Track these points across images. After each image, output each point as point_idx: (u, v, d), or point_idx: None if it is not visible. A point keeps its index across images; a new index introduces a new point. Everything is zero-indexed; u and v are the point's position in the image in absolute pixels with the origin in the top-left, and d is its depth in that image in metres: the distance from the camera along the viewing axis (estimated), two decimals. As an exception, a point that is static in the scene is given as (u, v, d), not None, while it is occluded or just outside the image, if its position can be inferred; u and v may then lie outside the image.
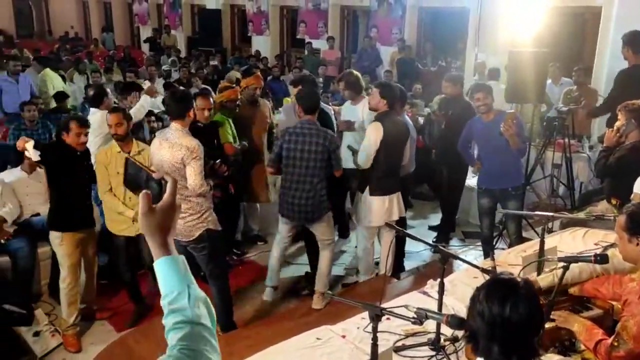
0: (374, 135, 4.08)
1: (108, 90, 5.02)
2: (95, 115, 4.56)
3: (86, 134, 3.78)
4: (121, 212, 3.93)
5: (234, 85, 5.33)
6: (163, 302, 1.22)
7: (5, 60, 8.76)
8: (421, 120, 7.05)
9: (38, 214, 4.59)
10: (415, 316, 1.92)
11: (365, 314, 2.52)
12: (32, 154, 3.64)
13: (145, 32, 17.80)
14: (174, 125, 3.55)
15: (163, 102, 7.13)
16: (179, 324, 1.18)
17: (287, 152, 4.00)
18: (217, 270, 3.79)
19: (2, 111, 7.50)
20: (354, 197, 4.53)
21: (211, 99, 4.53)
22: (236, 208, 5.24)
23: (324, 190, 4.08)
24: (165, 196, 1.25)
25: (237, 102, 5.00)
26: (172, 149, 3.45)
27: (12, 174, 4.66)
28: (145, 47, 16.95)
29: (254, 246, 5.53)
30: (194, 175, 3.45)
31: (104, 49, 15.76)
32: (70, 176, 3.77)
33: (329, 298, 3.83)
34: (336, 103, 7.31)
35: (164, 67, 11.13)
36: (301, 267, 5.00)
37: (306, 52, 12.04)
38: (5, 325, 3.70)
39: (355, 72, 5.10)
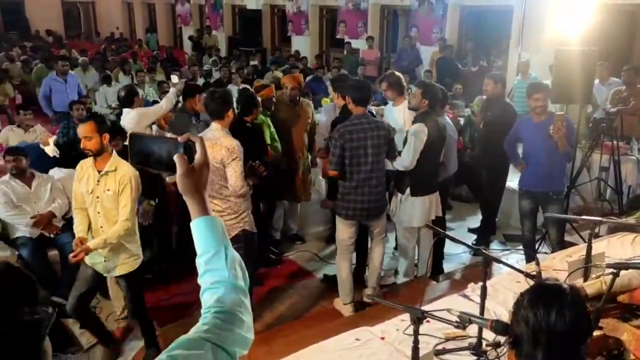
0: (419, 138, 4.02)
1: (139, 90, 5.09)
2: (129, 115, 4.66)
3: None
4: (81, 239, 3.43)
5: (270, 84, 5.38)
6: (199, 261, 1.23)
7: (55, 61, 9.10)
8: (462, 121, 6.94)
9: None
10: (458, 320, 1.89)
11: (405, 316, 2.50)
12: (50, 150, 3.71)
13: (187, 33, 18.13)
14: (214, 125, 3.59)
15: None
16: (215, 284, 1.20)
17: (350, 151, 3.84)
18: (248, 272, 3.77)
19: (52, 110, 7.74)
20: (391, 198, 4.49)
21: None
22: (271, 206, 5.27)
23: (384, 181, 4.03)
24: (198, 155, 1.25)
25: (273, 101, 5.05)
26: (212, 149, 3.46)
27: (62, 172, 4.82)
28: (187, 47, 17.27)
29: (292, 246, 5.55)
30: (234, 177, 3.47)
31: (147, 49, 16.13)
32: None
33: (370, 299, 3.79)
34: (375, 103, 7.28)
35: (205, 67, 11.31)
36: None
37: (345, 52, 12.03)
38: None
39: (397, 72, 5.06)
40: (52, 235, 4.42)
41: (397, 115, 4.75)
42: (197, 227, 1.23)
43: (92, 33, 21.66)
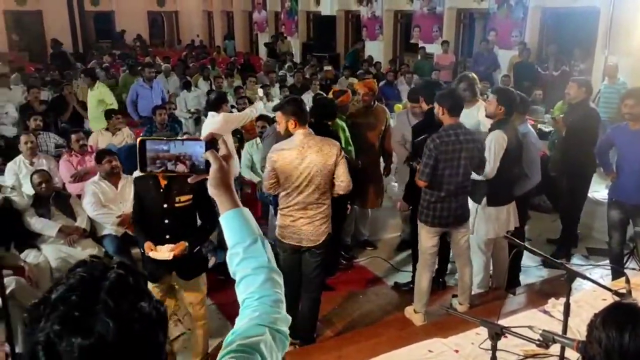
0: (499, 146, 3.89)
1: (228, 98, 5.26)
2: (215, 119, 4.82)
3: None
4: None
5: (347, 89, 5.42)
6: (235, 250, 1.24)
7: (141, 67, 9.60)
8: (542, 127, 6.68)
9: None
10: (540, 339, 1.82)
11: (480, 330, 2.44)
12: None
13: (263, 39, 18.57)
14: (303, 131, 3.48)
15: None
16: (256, 270, 1.23)
17: (444, 163, 3.71)
18: (318, 281, 3.77)
19: (138, 114, 8.16)
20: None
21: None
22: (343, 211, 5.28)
23: None
24: (223, 150, 1.26)
25: (348, 107, 5.08)
26: (323, 152, 3.46)
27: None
28: (262, 54, 17.69)
29: (363, 251, 5.54)
30: (345, 173, 3.51)
31: (225, 56, 16.65)
32: None
33: (445, 310, 3.69)
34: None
35: (280, 73, 11.53)
36: (408, 274, 4.92)
37: (419, 57, 11.89)
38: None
39: (471, 74, 4.96)
40: (134, 234, 4.66)
41: (473, 116, 4.65)
42: (232, 219, 1.25)
43: (174, 41, 22.66)
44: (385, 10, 13.73)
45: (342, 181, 3.53)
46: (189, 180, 1.29)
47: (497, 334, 1.89)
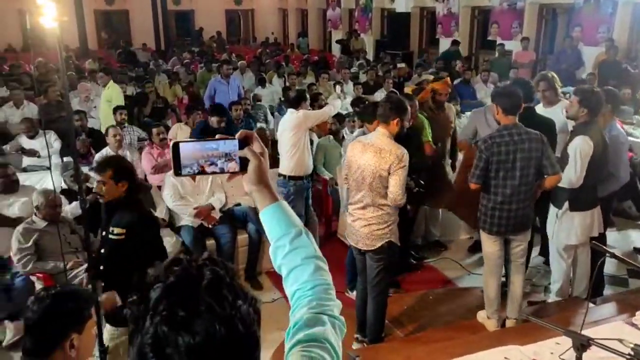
0: (584, 153, 3.68)
1: (307, 95, 5.30)
2: (293, 115, 4.88)
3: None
4: None
5: (423, 87, 5.34)
6: (281, 242, 1.24)
7: (218, 64, 9.89)
8: (630, 129, 6.29)
9: (239, 204, 5.10)
10: (632, 353, 1.71)
11: (561, 339, 2.33)
12: None
13: (337, 36, 18.62)
14: (380, 130, 3.49)
15: (352, 104, 7.46)
16: (305, 260, 1.23)
17: (497, 164, 3.56)
18: (382, 284, 3.71)
19: (214, 110, 8.40)
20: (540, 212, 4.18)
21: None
22: (415, 211, 5.20)
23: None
24: (257, 147, 1.26)
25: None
26: (380, 155, 3.39)
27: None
28: (335, 51, 17.75)
29: (434, 252, 5.45)
30: (397, 185, 3.37)
31: (299, 53, 16.85)
32: None
33: (523, 317, 3.56)
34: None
35: (352, 70, 11.52)
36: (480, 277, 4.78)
37: (497, 54, 11.51)
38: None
39: (550, 73, 4.78)
40: (210, 226, 4.82)
41: (556, 115, 4.44)
42: (274, 213, 1.26)
43: (249, 38, 23.18)
44: (462, 7, 13.38)
45: (391, 192, 3.40)
46: (227, 179, 1.29)
47: (582, 345, 1.79)
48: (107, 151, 5.53)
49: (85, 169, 4.82)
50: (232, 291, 0.89)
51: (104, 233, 3.14)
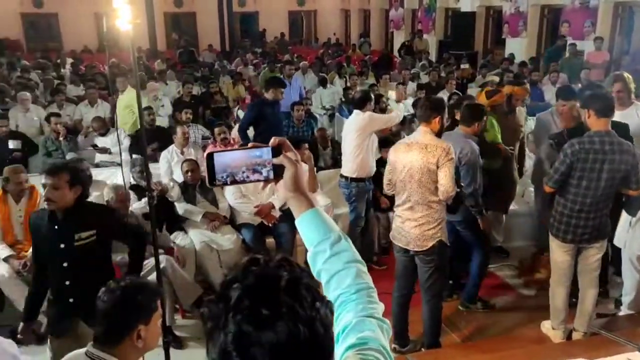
0: None
1: (372, 96, 5.27)
2: (359, 116, 4.88)
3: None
4: None
5: (499, 89, 5.20)
6: (321, 247, 1.23)
7: (281, 65, 10.03)
8: None
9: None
10: None
11: (634, 354, 2.22)
12: None
13: (399, 37, 18.47)
14: (422, 128, 3.53)
15: (413, 105, 7.38)
16: (347, 264, 1.23)
17: (581, 172, 3.37)
18: (435, 287, 3.65)
19: (276, 110, 8.53)
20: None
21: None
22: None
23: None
24: (291, 154, 1.25)
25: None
26: (426, 150, 3.40)
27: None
28: (397, 51, 17.61)
29: (495, 257, 5.29)
30: (447, 177, 3.36)
31: (360, 54, 16.83)
32: None
33: (593, 330, 3.40)
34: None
35: (414, 71, 11.39)
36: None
37: (567, 54, 11.05)
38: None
39: (625, 73, 4.55)
40: (270, 225, 4.89)
41: (632, 117, 4.22)
42: (312, 218, 1.26)
43: (311, 39, 23.37)
44: (531, 5, 12.94)
45: (442, 185, 3.38)
46: (261, 187, 1.30)
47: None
48: (172, 149, 5.72)
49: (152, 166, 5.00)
50: (310, 292, 0.90)
51: (62, 245, 2.80)
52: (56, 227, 2.81)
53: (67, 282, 2.84)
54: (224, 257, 4.55)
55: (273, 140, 1.24)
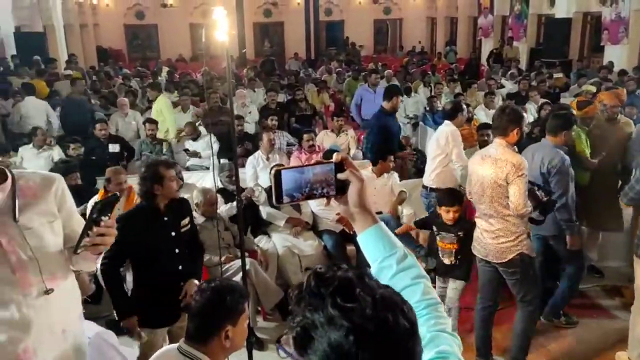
0: None
1: (464, 106, 5.17)
2: (447, 128, 4.80)
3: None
4: None
5: (591, 100, 4.94)
6: (386, 263, 1.23)
7: (366, 73, 10.06)
8: None
9: (381, 212, 5.12)
10: None
11: None
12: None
13: (487, 45, 17.97)
14: (497, 141, 3.39)
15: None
16: (415, 279, 1.23)
17: None
18: (527, 297, 3.52)
19: (361, 117, 8.56)
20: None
21: None
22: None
23: None
24: (354, 170, 1.25)
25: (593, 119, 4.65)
26: (496, 165, 3.29)
27: (363, 174, 5.31)
28: (484, 59, 17.13)
29: (588, 277, 4.98)
30: (517, 194, 3.23)
31: (446, 62, 16.55)
32: None
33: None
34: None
35: (501, 80, 11.03)
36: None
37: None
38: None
39: None
40: (352, 232, 4.90)
41: None
42: (376, 234, 1.26)
43: (396, 47, 23.28)
44: (633, 10, 12.14)
45: (512, 202, 3.25)
46: (324, 204, 1.30)
47: None
48: (258, 154, 5.90)
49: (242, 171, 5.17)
50: (397, 305, 0.93)
51: (173, 233, 3.11)
52: (165, 218, 3.11)
53: (180, 267, 3.14)
54: (305, 262, 4.63)
55: (336, 156, 1.24)
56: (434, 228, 3.96)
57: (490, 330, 3.71)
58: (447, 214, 3.80)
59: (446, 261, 3.85)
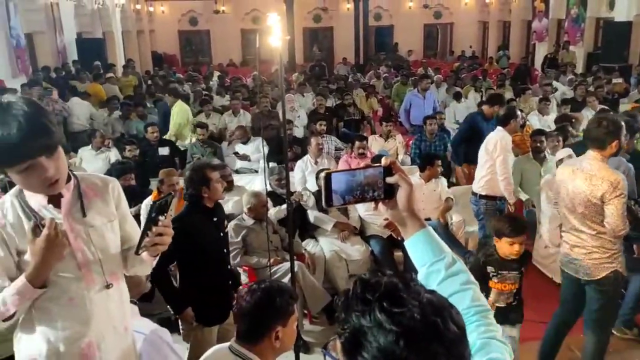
0: None
1: (518, 112, 5.06)
2: (498, 134, 4.72)
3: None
4: None
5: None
6: (434, 268, 1.22)
7: (417, 78, 9.99)
8: None
9: (429, 219, 5.07)
10: None
11: None
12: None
13: (541, 49, 17.47)
14: (591, 154, 3.16)
15: (556, 121, 6.93)
16: (464, 285, 1.21)
17: None
18: (604, 319, 3.33)
19: (409, 123, 8.50)
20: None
21: None
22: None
23: None
24: (403, 175, 1.24)
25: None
26: (590, 182, 3.08)
27: (412, 180, 5.27)
28: (538, 64, 16.67)
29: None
30: (615, 216, 3.01)
31: (497, 67, 16.20)
32: None
33: None
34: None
35: (555, 85, 10.71)
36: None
37: None
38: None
39: None
40: (399, 238, 4.87)
41: None
42: (425, 238, 1.25)
43: (446, 52, 22.96)
44: (699, 13, 11.58)
45: (609, 223, 3.03)
46: (372, 207, 1.29)
47: None
48: (307, 158, 5.94)
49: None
50: (447, 311, 0.93)
51: (221, 234, 3.27)
52: (214, 219, 3.23)
53: (229, 266, 3.34)
54: (352, 267, 4.63)
55: (385, 160, 1.25)
56: (489, 269, 3.17)
57: (560, 342, 3.55)
58: (511, 247, 3.11)
59: (501, 304, 3.18)
